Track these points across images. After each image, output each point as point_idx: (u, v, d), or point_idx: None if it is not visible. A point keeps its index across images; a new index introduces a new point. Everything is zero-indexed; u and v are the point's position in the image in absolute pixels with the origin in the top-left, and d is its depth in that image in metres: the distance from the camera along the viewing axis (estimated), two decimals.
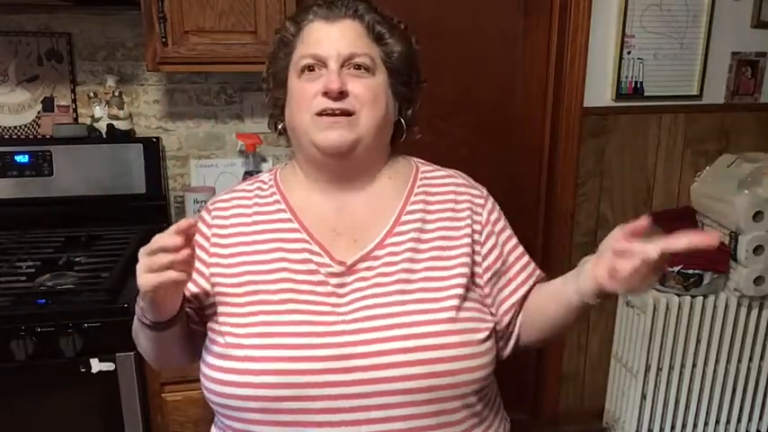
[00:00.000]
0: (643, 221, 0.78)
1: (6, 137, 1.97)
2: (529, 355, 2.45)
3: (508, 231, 1.04)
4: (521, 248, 1.05)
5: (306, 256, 0.95)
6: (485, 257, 0.99)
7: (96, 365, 1.48)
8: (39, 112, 1.98)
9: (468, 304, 0.94)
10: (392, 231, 0.97)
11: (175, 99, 2.05)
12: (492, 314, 0.99)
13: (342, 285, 0.93)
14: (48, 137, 1.96)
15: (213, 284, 0.96)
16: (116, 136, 1.95)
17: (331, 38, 0.96)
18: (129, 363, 1.49)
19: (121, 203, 1.96)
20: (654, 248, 0.75)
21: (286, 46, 1.00)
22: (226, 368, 0.89)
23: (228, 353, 0.89)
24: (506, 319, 1.00)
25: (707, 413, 2.34)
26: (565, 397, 2.50)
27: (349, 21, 0.97)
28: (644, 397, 2.29)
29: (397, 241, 0.96)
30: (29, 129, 1.98)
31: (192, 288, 0.97)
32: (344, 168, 0.99)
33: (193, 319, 0.98)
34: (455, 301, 0.92)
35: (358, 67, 0.96)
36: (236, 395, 0.88)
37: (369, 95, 0.95)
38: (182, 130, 2.08)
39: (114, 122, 1.95)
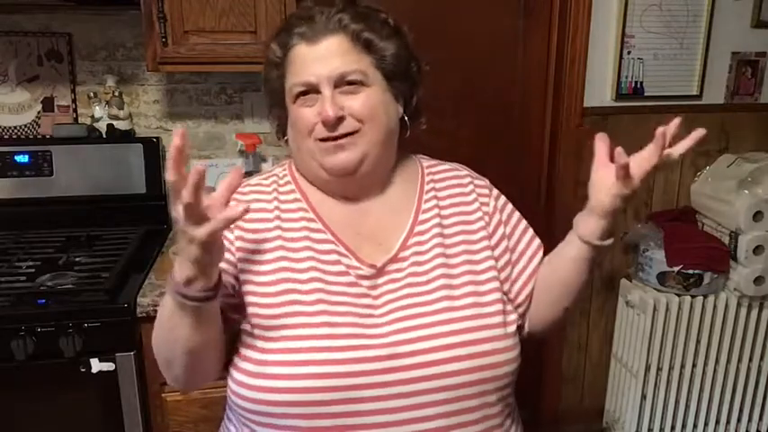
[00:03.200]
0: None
1: (6, 137, 1.97)
2: (529, 356, 2.45)
3: (516, 215, 1.06)
4: (525, 224, 1.06)
5: (335, 257, 0.93)
6: (497, 245, 1.00)
7: (96, 365, 1.47)
8: (39, 112, 1.98)
9: (503, 296, 0.96)
10: (413, 231, 0.97)
11: (175, 99, 2.05)
12: (512, 301, 1.00)
13: (374, 287, 0.92)
14: (48, 137, 1.96)
15: (241, 282, 0.92)
16: (116, 136, 1.95)
17: (317, 61, 0.92)
18: (129, 363, 1.48)
19: (121, 203, 1.96)
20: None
21: (277, 68, 0.98)
22: (263, 374, 0.86)
23: (265, 358, 0.87)
24: (526, 292, 1.01)
25: (707, 413, 2.34)
26: (565, 397, 2.50)
27: (332, 37, 0.93)
28: (644, 397, 2.28)
29: (420, 240, 0.96)
30: (29, 129, 1.98)
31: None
32: (354, 185, 0.98)
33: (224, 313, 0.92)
34: (497, 295, 0.94)
35: (351, 83, 0.93)
36: (275, 401, 0.85)
37: (367, 111, 0.93)
38: None
39: (114, 122, 1.95)
